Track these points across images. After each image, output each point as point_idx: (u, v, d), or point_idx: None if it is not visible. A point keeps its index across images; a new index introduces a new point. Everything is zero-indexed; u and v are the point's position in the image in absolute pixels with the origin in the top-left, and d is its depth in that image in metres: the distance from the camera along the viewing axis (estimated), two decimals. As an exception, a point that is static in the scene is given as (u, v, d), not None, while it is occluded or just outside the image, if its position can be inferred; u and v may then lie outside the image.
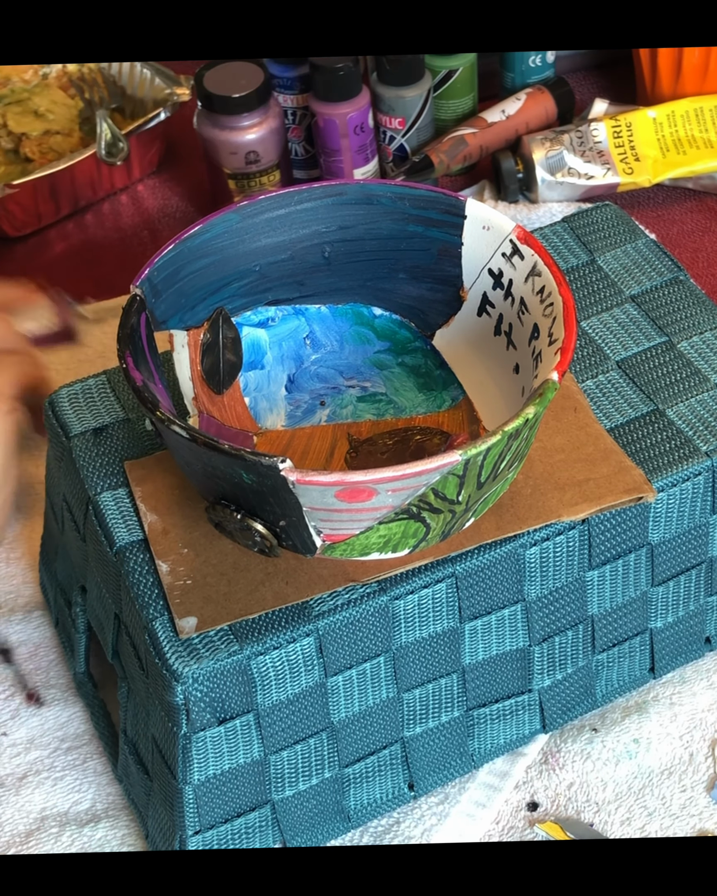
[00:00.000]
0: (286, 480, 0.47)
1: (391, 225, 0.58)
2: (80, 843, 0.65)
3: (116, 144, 0.95)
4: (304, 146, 0.96)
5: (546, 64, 1.00)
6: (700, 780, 0.66)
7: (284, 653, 0.55)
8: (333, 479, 0.47)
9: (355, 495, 0.48)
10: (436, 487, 0.49)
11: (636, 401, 0.62)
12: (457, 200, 0.57)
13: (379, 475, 0.47)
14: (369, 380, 0.62)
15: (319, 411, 0.62)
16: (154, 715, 0.57)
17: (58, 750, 0.69)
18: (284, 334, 0.62)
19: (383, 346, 0.62)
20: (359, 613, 0.55)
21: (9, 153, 0.99)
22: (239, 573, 0.56)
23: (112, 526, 0.58)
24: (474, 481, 0.50)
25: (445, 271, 0.59)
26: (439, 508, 0.51)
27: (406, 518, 0.51)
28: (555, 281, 0.53)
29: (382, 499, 0.49)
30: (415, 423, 0.61)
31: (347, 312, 0.62)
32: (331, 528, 0.51)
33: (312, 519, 0.50)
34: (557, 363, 0.50)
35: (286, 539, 0.52)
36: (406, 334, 0.62)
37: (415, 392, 0.62)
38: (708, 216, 0.95)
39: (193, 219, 0.99)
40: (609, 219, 0.71)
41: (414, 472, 0.47)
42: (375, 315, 0.62)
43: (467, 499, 0.51)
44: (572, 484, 0.58)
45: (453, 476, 0.49)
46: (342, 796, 0.62)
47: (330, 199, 0.58)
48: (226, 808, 0.59)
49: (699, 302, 0.66)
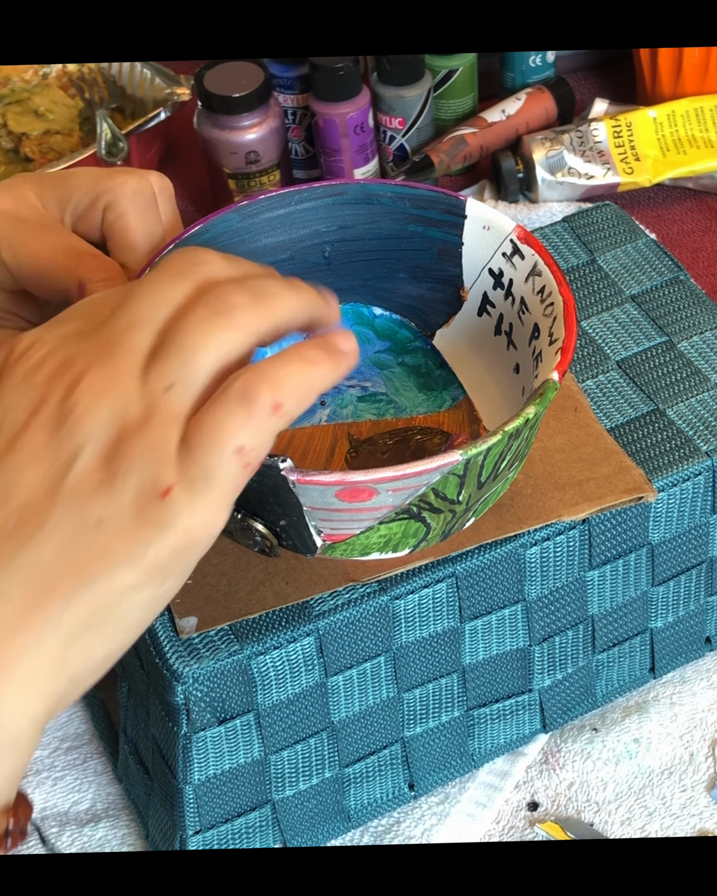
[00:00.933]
0: (286, 480, 0.47)
1: (391, 225, 0.58)
2: (80, 842, 0.65)
3: (116, 144, 0.95)
4: (304, 146, 0.96)
5: (546, 64, 1.00)
6: (700, 780, 0.66)
7: (285, 652, 0.55)
8: (333, 479, 0.47)
9: (356, 495, 0.48)
10: (436, 487, 0.49)
11: (637, 400, 0.62)
12: (457, 200, 0.57)
13: (379, 475, 0.47)
14: (370, 379, 0.62)
15: (319, 411, 0.62)
16: (154, 715, 0.57)
17: (58, 749, 0.69)
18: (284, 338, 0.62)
19: (383, 345, 0.62)
20: (359, 613, 0.55)
21: (9, 153, 0.99)
22: (239, 573, 0.56)
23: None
24: (474, 481, 0.50)
25: (445, 271, 0.59)
26: (439, 508, 0.51)
27: (406, 518, 0.51)
28: (555, 280, 0.53)
29: (382, 498, 0.49)
30: (415, 423, 0.61)
31: (348, 312, 0.62)
32: (331, 528, 0.51)
33: (313, 519, 0.50)
34: (557, 363, 0.50)
35: (287, 539, 0.52)
36: (406, 334, 0.62)
37: (415, 392, 0.62)
38: (708, 216, 0.95)
39: (193, 219, 0.99)
40: (609, 218, 0.71)
41: (415, 472, 0.47)
42: (375, 315, 0.62)
43: (468, 498, 0.51)
44: (573, 484, 0.58)
45: (453, 476, 0.49)
46: (342, 796, 0.62)
47: (330, 198, 0.58)
48: (226, 808, 0.59)
49: (699, 302, 0.66)
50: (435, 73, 0.95)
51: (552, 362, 0.51)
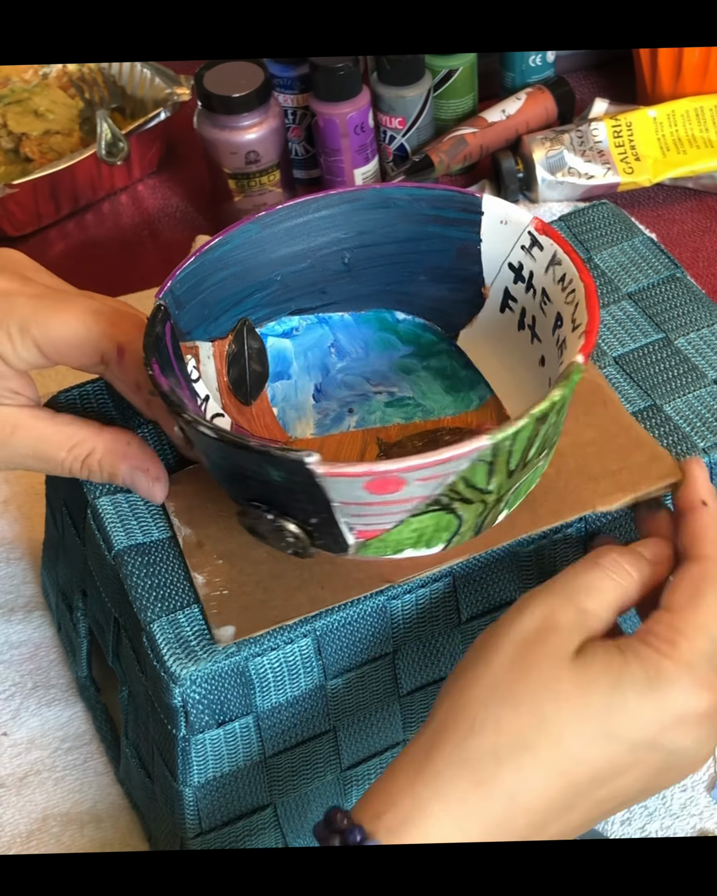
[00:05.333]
0: (314, 474, 0.47)
1: (409, 227, 0.58)
2: (80, 843, 0.65)
3: (116, 144, 0.95)
4: (304, 146, 0.96)
5: (546, 63, 1.00)
6: (700, 780, 0.66)
7: (282, 654, 0.55)
8: (361, 470, 0.47)
9: (384, 486, 0.48)
10: (465, 476, 0.49)
11: (634, 396, 0.62)
12: (473, 197, 0.57)
13: (407, 463, 0.47)
14: (396, 385, 0.62)
15: (347, 418, 0.61)
16: (153, 717, 0.57)
17: (59, 750, 0.69)
18: (308, 344, 0.62)
19: (407, 350, 0.62)
20: (356, 614, 0.55)
21: (9, 153, 0.99)
22: (275, 581, 0.55)
23: (110, 530, 0.58)
24: (503, 468, 0.50)
25: (465, 270, 0.59)
26: (469, 498, 0.50)
27: (438, 509, 0.50)
28: (575, 267, 0.53)
29: (411, 489, 0.49)
30: (444, 425, 0.60)
31: (371, 319, 0.62)
32: (363, 524, 0.51)
33: (343, 515, 0.50)
34: (582, 346, 0.50)
35: (319, 538, 0.52)
36: (430, 337, 0.62)
37: (442, 394, 0.61)
38: (708, 216, 0.95)
39: (193, 218, 0.99)
40: (606, 217, 0.71)
41: (442, 459, 0.47)
42: (398, 320, 0.62)
43: (499, 488, 0.51)
44: (606, 474, 0.58)
45: (481, 462, 0.48)
46: (344, 799, 0.62)
47: (347, 205, 0.58)
48: (227, 811, 0.59)
49: (696, 299, 0.66)
50: (435, 73, 0.95)
51: (577, 346, 0.51)
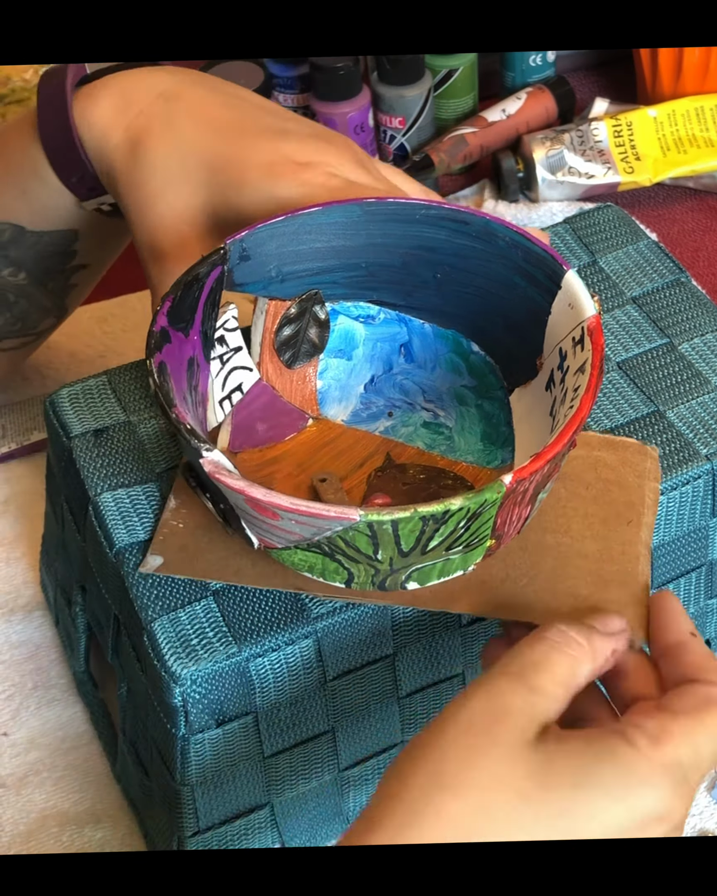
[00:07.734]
0: (204, 469, 0.47)
1: (501, 270, 0.56)
2: (80, 843, 0.65)
3: (117, 144, 0.94)
4: (304, 145, 0.96)
5: (547, 63, 1.00)
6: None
7: (283, 655, 0.55)
8: (237, 486, 0.46)
9: (262, 510, 0.47)
10: (343, 536, 0.47)
11: (637, 402, 0.62)
12: (561, 268, 0.54)
13: (275, 500, 0.45)
14: (445, 409, 0.60)
15: (381, 420, 0.60)
16: (153, 716, 0.57)
17: (58, 750, 0.69)
18: (381, 336, 0.61)
19: (470, 382, 0.60)
20: (358, 616, 0.55)
21: (9, 152, 0.99)
22: (224, 539, 0.55)
23: (112, 527, 0.58)
24: (391, 547, 0.47)
25: (532, 333, 0.56)
26: (354, 558, 0.48)
27: (320, 553, 0.49)
28: (587, 386, 0.50)
29: (288, 524, 0.47)
30: (456, 469, 0.58)
31: (448, 337, 0.60)
32: (258, 532, 0.50)
33: (243, 515, 0.49)
34: (517, 469, 0.47)
35: (232, 524, 0.51)
36: (493, 380, 0.60)
37: (477, 439, 0.60)
38: (709, 215, 0.95)
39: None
40: (611, 220, 0.71)
41: (307, 512, 0.45)
42: (472, 350, 0.60)
43: (389, 560, 0.49)
44: (570, 595, 0.53)
45: (358, 532, 0.46)
46: (342, 799, 0.62)
47: (453, 224, 0.56)
48: (225, 810, 0.59)
49: (700, 304, 0.66)
50: (435, 72, 0.95)
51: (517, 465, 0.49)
